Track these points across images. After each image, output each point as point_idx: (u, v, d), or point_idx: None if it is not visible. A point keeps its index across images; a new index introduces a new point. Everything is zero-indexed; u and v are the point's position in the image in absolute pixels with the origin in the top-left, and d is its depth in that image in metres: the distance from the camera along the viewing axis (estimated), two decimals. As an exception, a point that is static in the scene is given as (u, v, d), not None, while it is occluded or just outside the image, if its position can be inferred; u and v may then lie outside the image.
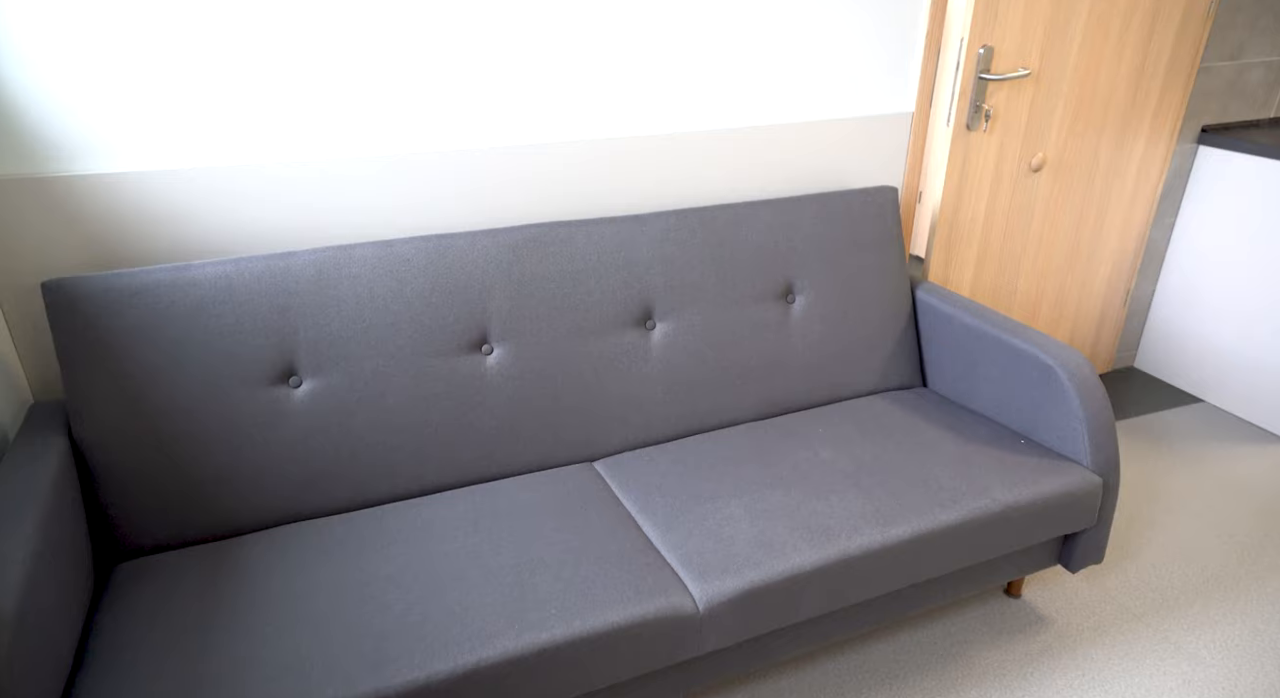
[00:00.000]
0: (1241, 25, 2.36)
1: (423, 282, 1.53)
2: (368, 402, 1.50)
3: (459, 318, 1.56)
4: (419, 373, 1.53)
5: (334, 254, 1.48)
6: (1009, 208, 2.31)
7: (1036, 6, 2.06)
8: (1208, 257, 2.53)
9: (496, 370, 1.60)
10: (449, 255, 1.55)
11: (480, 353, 1.60)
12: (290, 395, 1.46)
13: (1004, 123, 2.18)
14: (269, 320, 1.44)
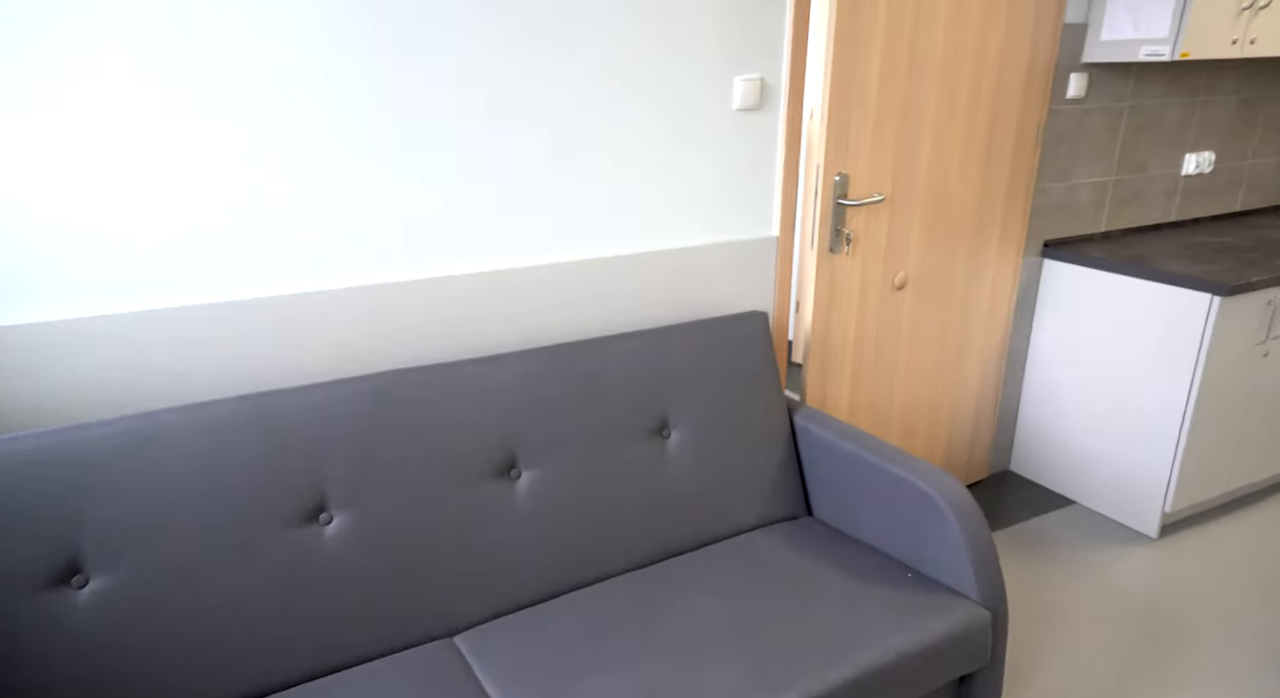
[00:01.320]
0: (1065, 153, 2.56)
1: (246, 448, 1.35)
2: (177, 596, 1.28)
3: (291, 487, 1.38)
4: (243, 556, 1.33)
5: (135, 424, 1.29)
6: (878, 325, 2.35)
7: (883, 138, 2.16)
8: (1063, 361, 2.65)
9: (339, 542, 1.42)
10: (277, 415, 1.38)
11: (318, 523, 1.41)
12: (75, 597, 1.23)
13: (865, 245, 2.23)
14: (51, 509, 1.21)
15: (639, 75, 1.82)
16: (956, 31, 2.17)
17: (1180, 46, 2.23)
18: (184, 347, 1.46)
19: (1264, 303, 2.31)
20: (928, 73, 2.16)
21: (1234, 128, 2.88)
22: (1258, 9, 2.30)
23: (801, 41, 1.97)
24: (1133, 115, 2.64)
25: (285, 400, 1.40)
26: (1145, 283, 2.38)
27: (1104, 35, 2.40)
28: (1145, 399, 2.43)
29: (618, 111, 1.82)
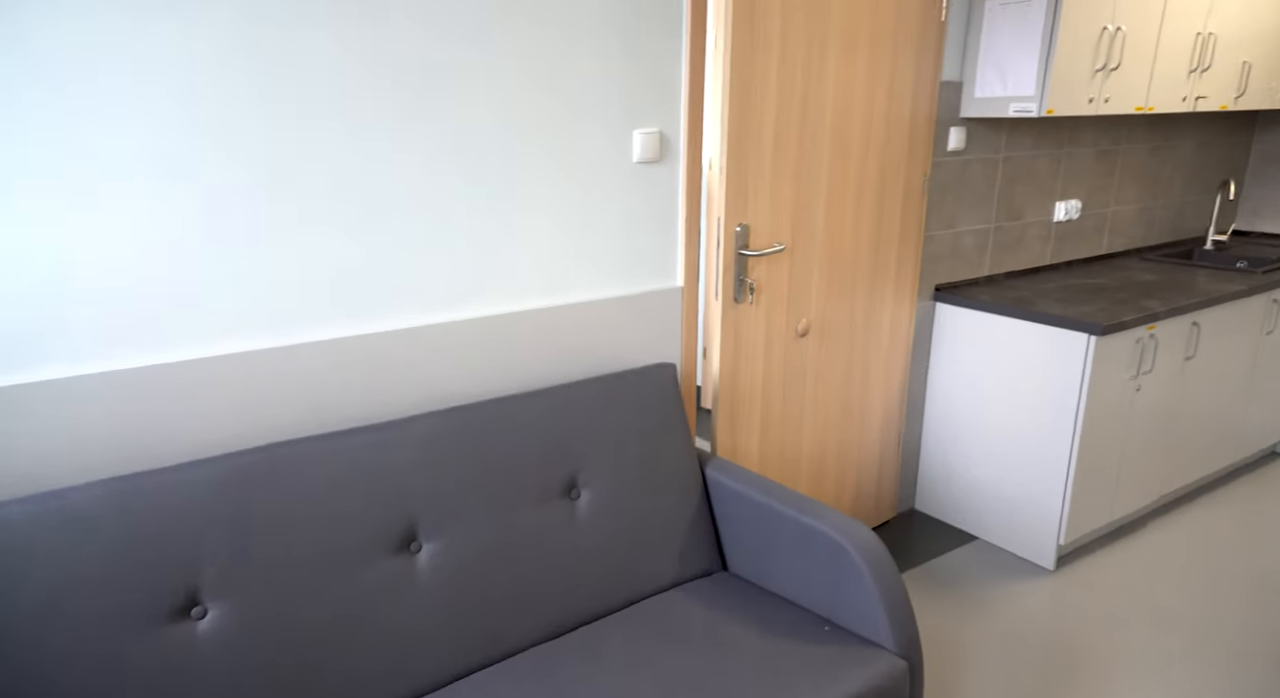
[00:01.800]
0: (950, 201, 2.69)
1: (102, 541, 1.21)
2: (14, 715, 1.11)
3: (156, 582, 1.24)
4: (98, 662, 1.18)
5: (-33, 520, 1.13)
6: (784, 372, 2.37)
7: (781, 190, 2.20)
8: (959, 400, 2.74)
9: (213, 639, 1.28)
10: (139, 502, 1.25)
11: (189, 619, 1.27)
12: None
13: (768, 294, 2.26)
14: None
15: (537, 130, 1.80)
16: (844, 88, 2.26)
17: (1046, 104, 2.39)
18: (38, 427, 1.30)
19: (1134, 341, 2.47)
20: (820, 127, 2.23)
21: (1096, 178, 3.11)
22: (1109, 71, 2.49)
23: (698, 95, 1.99)
24: (1007, 166, 2.81)
25: (147, 484, 1.26)
26: (1029, 324, 2.50)
27: (978, 92, 2.55)
28: (1035, 435, 2.53)
29: (518, 167, 1.79)
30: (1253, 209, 3.74)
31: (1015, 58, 2.43)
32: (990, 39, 2.49)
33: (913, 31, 2.37)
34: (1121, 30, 2.47)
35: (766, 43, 2.05)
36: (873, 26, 2.26)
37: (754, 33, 2.02)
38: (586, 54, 1.83)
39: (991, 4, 2.47)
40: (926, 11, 2.39)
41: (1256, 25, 2.87)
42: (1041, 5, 2.34)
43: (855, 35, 2.23)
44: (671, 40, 1.94)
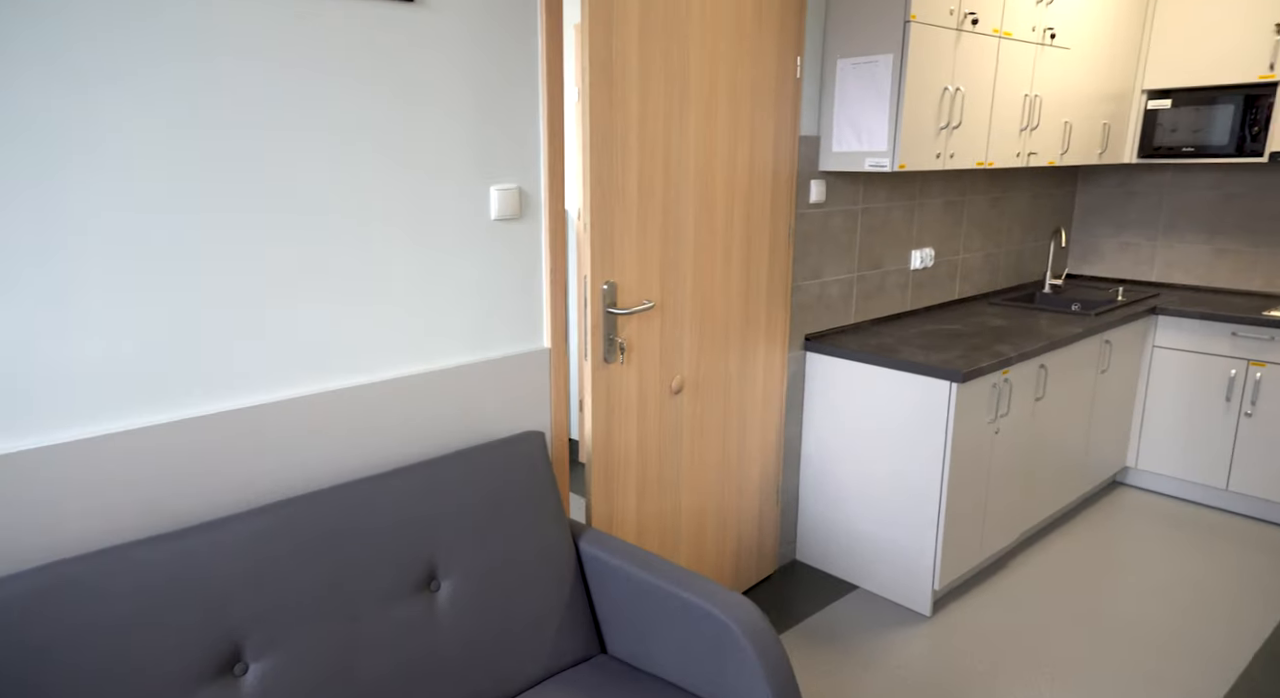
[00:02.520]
0: (815, 252, 2.73)
1: None
2: None
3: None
4: None
5: None
6: (659, 432, 2.29)
7: (648, 246, 2.15)
8: (834, 449, 2.76)
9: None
10: None
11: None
12: None
13: (640, 352, 2.18)
14: None
15: (384, 189, 1.65)
16: (706, 143, 2.25)
17: (898, 159, 2.48)
18: None
19: (991, 386, 2.56)
20: (684, 183, 2.20)
21: (945, 227, 3.27)
22: (952, 129, 2.62)
23: (558, 151, 1.91)
24: (866, 217, 2.89)
25: None
26: (895, 372, 2.55)
27: (835, 147, 2.62)
28: (906, 481, 2.57)
29: (363, 228, 1.63)
30: (1081, 254, 4.06)
31: (867, 114, 2.51)
32: (843, 96, 2.57)
33: (770, 88, 2.41)
34: (960, 91, 2.62)
35: (625, 99, 2.01)
36: (730, 83, 2.27)
37: (612, 89, 1.98)
38: (439, 110, 1.71)
39: (843, 63, 2.55)
40: (782, 69, 2.44)
41: (1072, 90, 3.12)
42: (888, 65, 2.44)
43: (714, 92, 2.23)
44: (528, 94, 1.86)
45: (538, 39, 1.85)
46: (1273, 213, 3.47)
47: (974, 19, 2.58)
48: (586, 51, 1.89)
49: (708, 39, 2.17)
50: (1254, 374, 3.13)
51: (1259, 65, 3.18)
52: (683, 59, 2.12)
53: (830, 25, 2.56)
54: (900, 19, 2.39)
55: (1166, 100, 3.43)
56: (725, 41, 2.22)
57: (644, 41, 2.01)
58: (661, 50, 2.06)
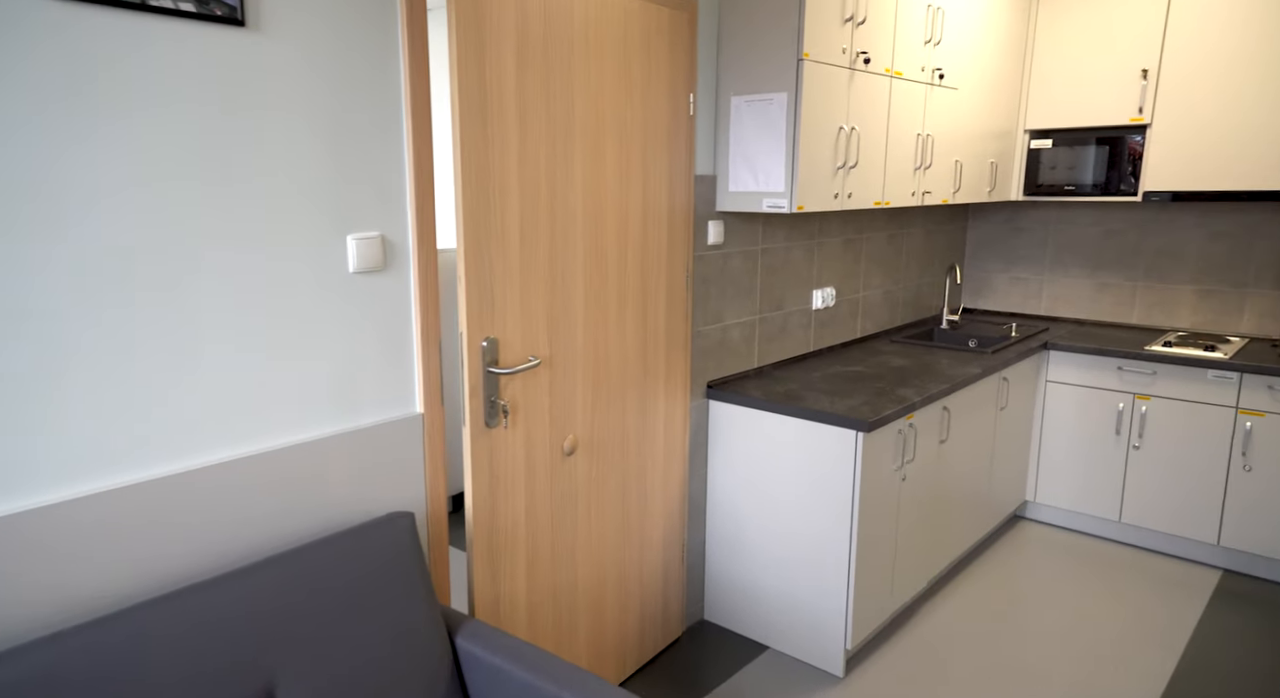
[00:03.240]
0: (715, 295, 2.61)
1: None
2: None
3: None
4: None
5: None
6: (551, 499, 2.09)
7: (533, 298, 1.96)
8: (740, 502, 2.62)
9: None
10: None
11: None
12: None
13: (526, 414, 1.98)
14: None
15: (218, 244, 1.41)
16: (595, 185, 2.09)
17: (796, 200, 2.39)
18: None
19: (896, 432, 2.48)
20: (572, 228, 2.03)
21: (845, 265, 3.23)
22: (848, 168, 2.57)
23: (427, 193, 1.71)
24: (766, 258, 2.80)
25: None
26: (800, 421, 2.44)
27: (731, 187, 2.51)
28: (814, 535, 2.45)
29: (189, 285, 1.38)
30: (974, 288, 4.13)
31: (764, 153, 2.42)
32: (739, 135, 2.47)
33: (662, 125, 2.28)
34: (856, 130, 2.56)
35: (503, 136, 1.83)
36: (619, 119, 2.13)
37: (488, 125, 1.79)
38: (279, 150, 1.48)
39: (737, 101, 2.45)
40: (674, 105, 2.31)
41: (961, 129, 3.15)
42: (782, 103, 2.35)
43: (601, 128, 2.08)
44: (390, 131, 1.65)
45: (400, 69, 1.65)
46: (1148, 249, 3.60)
47: (866, 58, 2.54)
48: (456, 83, 1.70)
49: (593, 72, 2.02)
50: (1140, 407, 3.20)
51: (1129, 108, 3.30)
52: (566, 93, 1.96)
53: (723, 61, 2.46)
54: (793, 57, 2.31)
55: (1048, 140, 3.53)
56: (612, 75, 2.08)
57: (522, 74, 1.84)
58: (542, 83, 1.89)
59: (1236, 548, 3.05)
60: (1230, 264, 3.41)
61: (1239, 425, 2.99)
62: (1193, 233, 3.48)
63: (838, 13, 2.39)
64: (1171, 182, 3.24)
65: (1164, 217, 3.54)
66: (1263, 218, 3.31)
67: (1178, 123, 3.19)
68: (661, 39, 2.22)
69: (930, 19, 2.82)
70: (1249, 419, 2.96)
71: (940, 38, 2.90)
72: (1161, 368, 3.12)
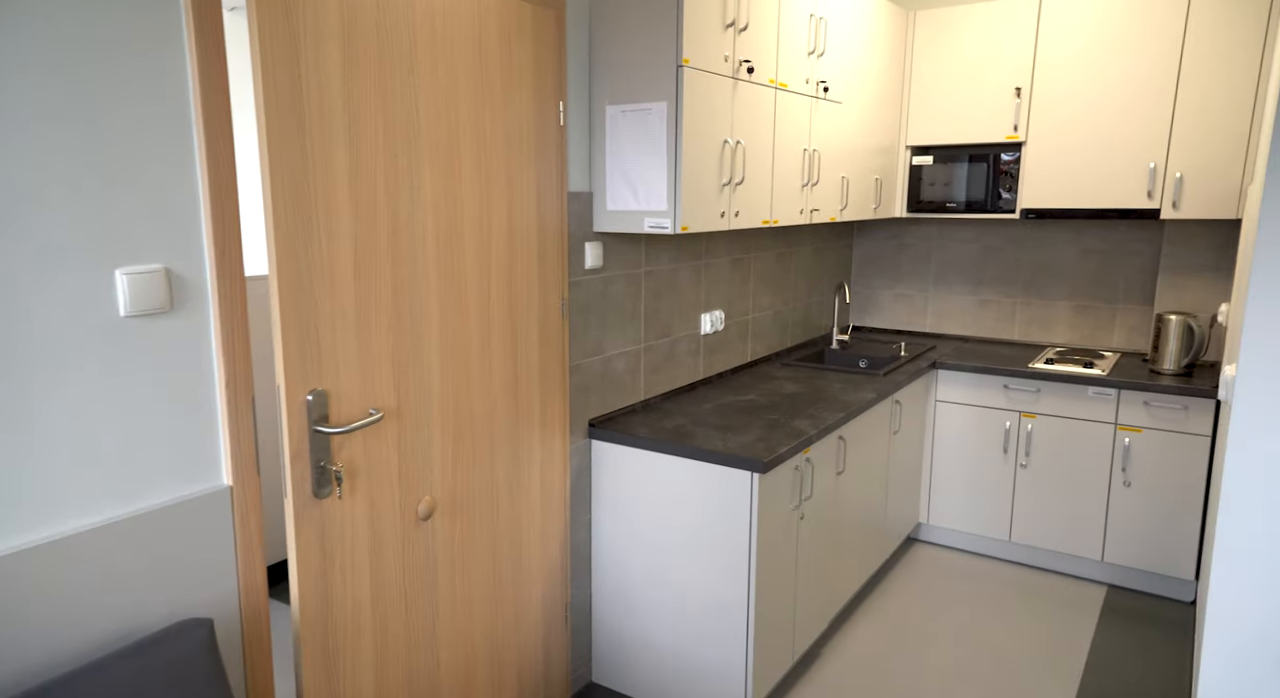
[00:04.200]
0: (595, 325, 2.36)
1: None
2: None
3: None
4: None
5: None
6: (403, 573, 1.77)
7: (372, 338, 1.64)
8: (629, 552, 2.37)
9: None
10: None
11: None
12: None
13: (368, 477, 1.66)
14: None
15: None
16: (450, 204, 1.80)
17: (680, 220, 2.18)
18: None
19: (793, 469, 2.31)
20: (422, 255, 1.73)
21: (733, 286, 3.05)
22: (735, 185, 2.39)
23: (229, 215, 1.37)
24: (650, 281, 2.58)
25: None
26: (691, 462, 2.22)
27: (610, 205, 2.28)
28: (710, 584, 2.23)
29: None
30: (861, 306, 4.08)
31: (644, 168, 2.20)
32: (616, 148, 2.24)
33: (529, 136, 2.01)
34: (741, 144, 2.39)
35: (327, 149, 1.51)
36: (477, 129, 1.85)
37: (306, 135, 1.47)
38: (9, 159, 1.12)
39: (612, 110, 2.22)
40: (541, 114, 2.06)
41: (847, 145, 3.05)
42: (662, 113, 2.14)
43: (455, 140, 1.79)
44: (175, 142, 1.31)
45: (185, 57, 1.32)
46: (1026, 265, 3.63)
47: (750, 67, 2.37)
48: (260, 81, 1.38)
49: (442, 72, 1.73)
50: (1026, 426, 3.18)
51: (1005, 126, 3.30)
52: (409, 96, 1.66)
53: (596, 67, 2.23)
54: (672, 63, 2.10)
55: (928, 156, 3.50)
56: (467, 76, 1.80)
57: (351, 74, 1.54)
58: (378, 86, 1.59)
59: (1118, 563, 3.07)
60: (1101, 280, 3.47)
61: (1118, 441, 3.01)
62: (1066, 250, 3.53)
63: (719, 17, 2.21)
64: (1046, 199, 3.26)
65: (1040, 233, 3.58)
66: (1130, 235, 3.39)
67: (1050, 141, 3.22)
68: (524, 39, 1.96)
69: (813, 29, 2.69)
70: (1127, 435, 2.99)
71: (824, 49, 2.78)
72: (1045, 386, 3.12)
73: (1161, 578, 3.04)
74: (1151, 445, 2.95)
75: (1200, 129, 2.93)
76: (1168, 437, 2.92)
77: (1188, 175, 2.97)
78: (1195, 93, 2.92)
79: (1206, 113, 2.91)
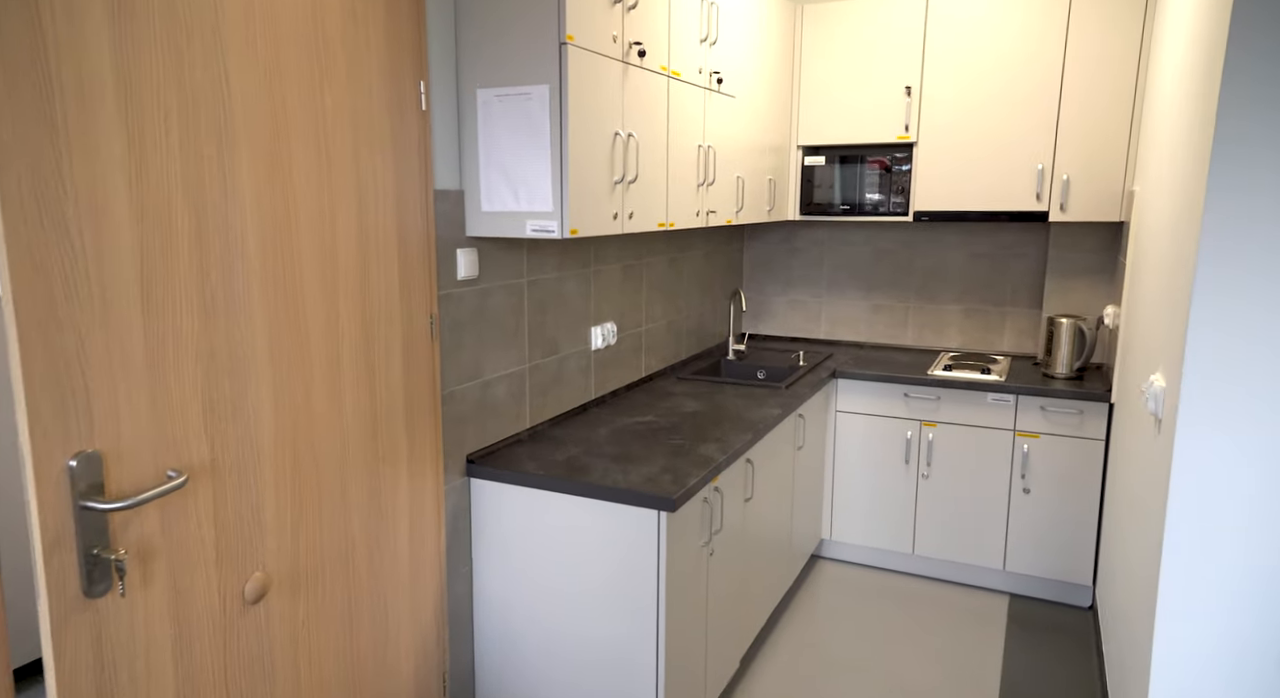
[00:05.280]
0: (471, 344, 2.03)
1: None
2: None
3: None
4: None
5: None
6: (224, 673, 1.38)
7: (170, 378, 1.25)
8: (516, 607, 2.05)
9: None
10: None
11: None
12: None
13: (169, 561, 1.27)
14: None
15: None
16: (279, 204, 1.43)
17: (569, 223, 1.88)
18: None
19: (702, 502, 2.06)
20: (241, 265, 1.36)
21: (626, 295, 2.79)
22: (628, 183, 2.12)
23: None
24: (534, 292, 2.27)
25: None
26: (588, 501, 1.93)
27: (485, 206, 1.96)
28: (612, 638, 1.95)
29: None
30: (755, 312, 3.91)
31: (524, 163, 1.89)
32: (490, 139, 1.92)
33: (382, 124, 1.66)
34: (634, 137, 2.12)
35: (88, 136, 1.12)
36: (314, 115, 1.49)
37: (49, 115, 1.08)
38: None
39: (485, 94, 1.90)
40: (397, 97, 1.71)
41: (741, 142, 2.86)
42: (544, 100, 1.84)
43: (284, 127, 1.42)
44: None
45: None
46: (917, 269, 3.57)
47: (641, 51, 2.11)
48: (-22, 29, 0.98)
49: (263, 47, 1.36)
50: (927, 435, 3.09)
51: (895, 126, 3.22)
52: (216, 69, 1.28)
53: (464, 43, 1.90)
54: (554, 40, 1.81)
55: (820, 157, 3.37)
56: (298, 51, 1.44)
57: (125, 36, 1.15)
58: (171, 52, 1.21)
59: (1019, 572, 3.03)
60: (990, 284, 3.46)
61: (1017, 448, 2.96)
62: (956, 253, 3.50)
63: (606, -9, 1.93)
64: (939, 201, 3.19)
65: (930, 236, 3.53)
66: (1017, 238, 3.38)
67: (942, 142, 3.15)
68: (373, 6, 1.60)
69: (705, 14, 2.46)
70: (1026, 441, 2.95)
71: (716, 37, 2.56)
72: (945, 393, 3.04)
73: (1061, 585, 3.02)
74: (1049, 451, 2.92)
75: (1084, 132, 2.93)
76: (1064, 442, 2.89)
77: (1074, 178, 2.96)
78: (1078, 95, 2.91)
79: (1090, 116, 2.91)
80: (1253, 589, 1.47)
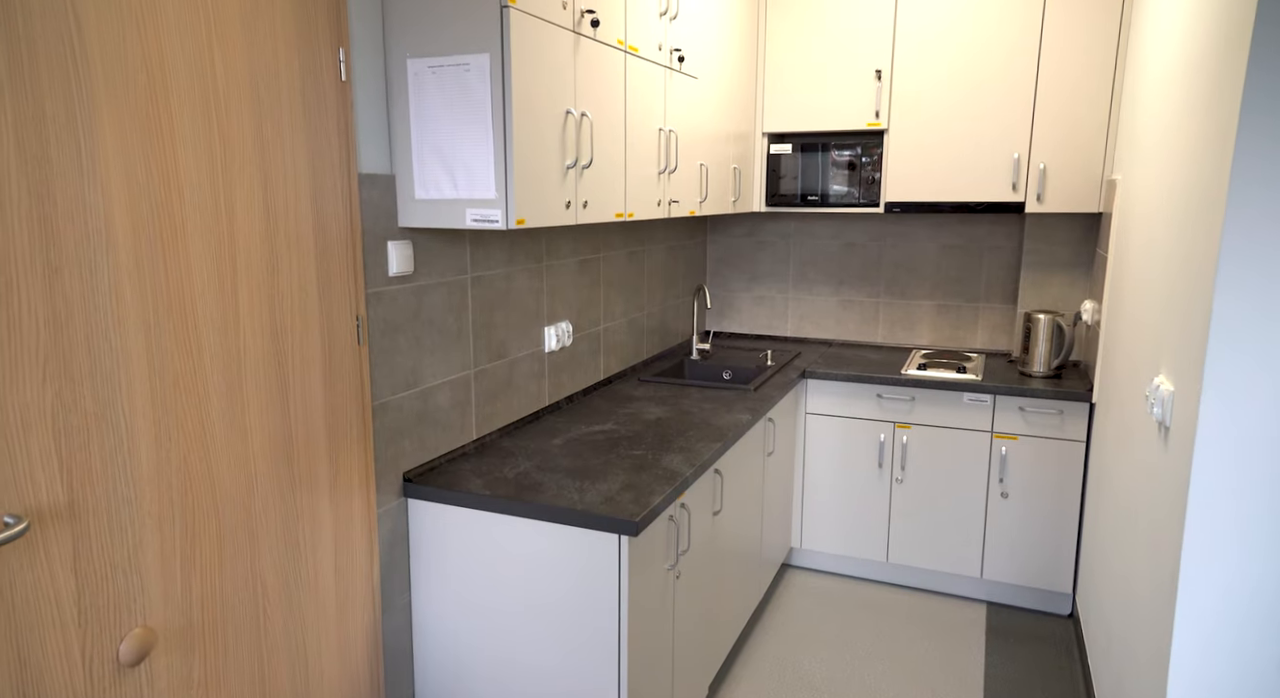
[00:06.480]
0: (407, 348, 1.80)
1: None
2: None
3: None
4: None
5: None
6: (96, 758, 1.14)
7: (7, 398, 1.01)
8: (461, 641, 1.83)
9: None
10: None
11: None
12: None
13: (11, 624, 1.02)
14: None
15: None
16: (155, 182, 1.18)
17: (515, 212, 1.67)
18: None
19: (668, 521, 1.86)
20: (105, 261, 1.12)
21: (582, 291, 2.58)
22: (581, 169, 1.91)
23: None
24: (479, 290, 2.05)
25: None
26: (542, 524, 1.72)
27: (419, 193, 1.73)
28: (570, 673, 1.75)
29: None
30: (719, 310, 3.73)
31: (463, 144, 1.67)
32: (423, 116, 1.69)
33: (291, 93, 1.43)
34: (588, 117, 1.91)
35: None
36: (203, 78, 1.24)
37: None
38: None
39: (416, 66, 1.67)
40: (313, 63, 1.47)
41: (704, 127, 2.66)
42: (483, 69, 1.62)
43: (161, 89, 1.18)
44: None
45: None
46: (887, 263, 3.42)
47: (594, 20, 1.90)
48: None
49: (133, -17, 1.12)
50: (901, 437, 2.94)
51: (866, 112, 3.05)
52: (63, 8, 1.04)
53: (390, 5, 1.67)
54: (494, 2, 1.58)
55: (786, 145, 3.19)
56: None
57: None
58: (-1, -16, 0.96)
59: (997, 580, 2.90)
60: (963, 278, 3.32)
61: (995, 450, 2.83)
62: (926, 246, 3.36)
63: (554, -50, 1.72)
64: (911, 191, 3.03)
65: (901, 229, 3.38)
66: (989, 230, 3.25)
67: (914, 129, 2.99)
68: (279, -50, 1.37)
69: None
70: (1004, 443, 2.81)
71: (677, 11, 2.36)
72: (920, 393, 2.89)
73: (1040, 592, 2.89)
74: (1028, 453, 2.79)
75: (1061, 120, 2.79)
76: (1044, 444, 2.76)
77: (1051, 167, 2.83)
78: (1055, 80, 2.78)
79: (1067, 102, 2.78)
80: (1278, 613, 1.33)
